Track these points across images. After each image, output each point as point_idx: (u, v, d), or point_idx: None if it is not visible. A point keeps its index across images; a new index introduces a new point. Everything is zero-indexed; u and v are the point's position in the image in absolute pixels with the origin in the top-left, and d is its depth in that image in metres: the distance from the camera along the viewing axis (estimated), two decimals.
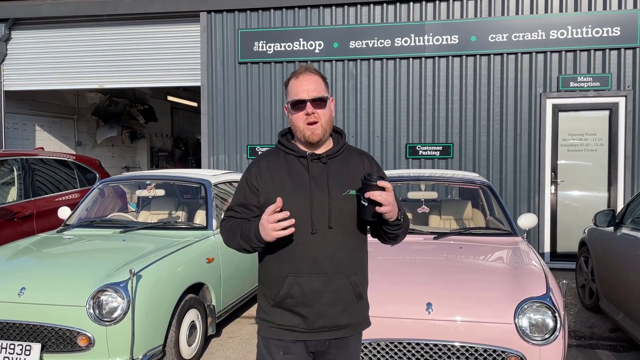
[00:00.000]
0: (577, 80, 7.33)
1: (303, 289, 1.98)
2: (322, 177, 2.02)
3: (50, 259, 4.14)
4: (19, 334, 3.53)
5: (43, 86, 9.21)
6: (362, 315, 2.13)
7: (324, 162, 2.05)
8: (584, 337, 4.82)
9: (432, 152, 7.71)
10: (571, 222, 7.45)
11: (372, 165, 2.15)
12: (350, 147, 2.19)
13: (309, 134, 2.02)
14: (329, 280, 1.99)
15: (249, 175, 2.10)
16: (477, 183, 4.96)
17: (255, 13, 8.12)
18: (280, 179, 2.03)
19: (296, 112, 2.03)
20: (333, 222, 1.99)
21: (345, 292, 2.02)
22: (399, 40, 7.70)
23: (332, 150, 2.09)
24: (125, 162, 13.44)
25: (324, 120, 2.03)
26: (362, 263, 2.12)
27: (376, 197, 1.85)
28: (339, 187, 2.01)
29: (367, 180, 1.87)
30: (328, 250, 1.98)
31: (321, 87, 2.05)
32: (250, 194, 2.07)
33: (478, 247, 4.08)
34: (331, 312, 2.01)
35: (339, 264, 2.00)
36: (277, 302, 2.02)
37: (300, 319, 2.01)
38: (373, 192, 1.85)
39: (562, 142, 7.51)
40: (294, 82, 2.05)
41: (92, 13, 8.57)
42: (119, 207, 6.14)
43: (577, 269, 5.97)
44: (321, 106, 2.03)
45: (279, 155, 2.11)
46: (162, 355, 3.83)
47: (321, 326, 2.01)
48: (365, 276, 2.15)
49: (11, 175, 6.30)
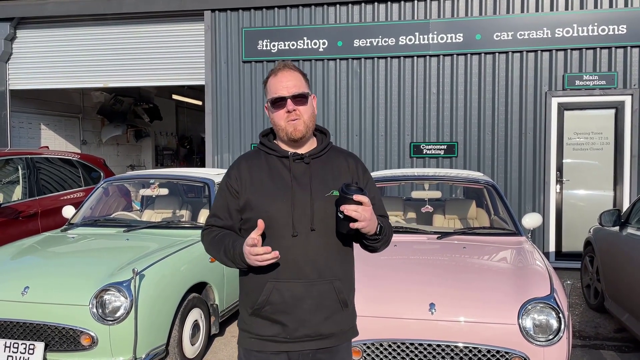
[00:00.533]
0: (583, 79, 7.29)
1: (283, 295, 1.87)
2: (305, 178, 1.93)
3: (54, 258, 4.15)
4: (23, 333, 3.54)
5: (48, 85, 9.23)
6: (348, 325, 2.00)
7: (307, 162, 1.96)
8: (589, 337, 4.80)
9: (437, 151, 7.69)
10: (576, 222, 7.41)
11: (357, 166, 2.05)
12: (336, 147, 2.10)
13: (291, 130, 1.93)
14: (310, 286, 1.88)
15: (228, 178, 2.00)
16: (482, 182, 4.94)
17: (259, 12, 8.12)
18: (261, 180, 1.94)
19: (277, 110, 1.95)
20: (316, 224, 1.89)
21: (329, 298, 1.91)
22: (403, 38, 7.67)
23: (316, 150, 2.00)
24: (130, 160, 13.48)
25: (306, 117, 1.95)
26: (348, 268, 2.01)
27: (350, 213, 1.75)
28: (322, 188, 1.92)
29: (344, 193, 1.77)
30: (310, 254, 1.88)
31: (301, 83, 1.97)
32: (231, 198, 1.98)
33: (482, 247, 4.06)
34: (313, 320, 1.89)
35: (321, 268, 1.89)
36: (256, 309, 1.91)
37: (280, 327, 1.89)
38: (348, 206, 1.76)
39: (568, 141, 7.47)
40: (273, 80, 1.97)
41: (96, 12, 8.59)
42: (122, 206, 6.15)
43: (582, 269, 5.93)
44: (302, 103, 1.94)
45: (260, 156, 2.03)
46: (165, 355, 3.84)
47: (303, 335, 1.89)
48: (351, 282, 2.03)
49: (16, 174, 6.32)
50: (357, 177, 2.02)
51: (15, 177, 6.32)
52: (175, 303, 3.92)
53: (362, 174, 2.05)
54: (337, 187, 1.89)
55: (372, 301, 3.28)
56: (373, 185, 2.07)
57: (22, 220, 6.05)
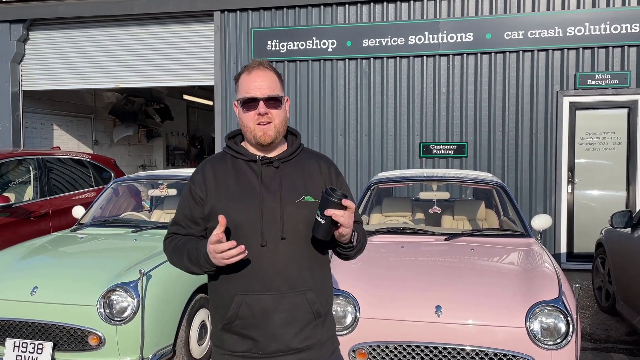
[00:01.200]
0: (595, 78, 7.20)
1: (252, 308, 1.76)
2: (274, 183, 1.81)
3: (63, 258, 4.18)
4: (32, 333, 3.58)
5: (60, 86, 9.32)
6: (326, 335, 1.89)
7: (276, 167, 1.84)
8: (600, 340, 4.74)
9: (446, 151, 7.64)
10: (589, 222, 7.33)
11: (330, 170, 1.94)
12: (308, 149, 1.99)
13: (261, 134, 1.81)
14: (281, 298, 1.77)
15: (192, 184, 1.88)
16: (490, 183, 4.90)
17: (268, 12, 8.12)
18: (227, 186, 1.82)
19: (247, 111, 1.82)
20: (286, 232, 1.78)
21: (301, 310, 1.80)
22: (413, 38, 7.64)
23: (286, 153, 1.88)
24: (141, 160, 13.57)
25: (277, 122, 1.83)
26: (322, 278, 1.89)
27: (338, 218, 1.65)
28: (292, 194, 1.81)
29: (329, 196, 1.66)
30: (280, 264, 1.76)
31: (276, 84, 1.85)
32: (195, 206, 1.86)
33: (490, 249, 4.03)
34: (285, 335, 1.78)
35: (292, 279, 1.78)
36: (226, 324, 1.81)
37: (252, 343, 1.79)
38: (335, 210, 1.65)
39: (580, 140, 7.39)
40: (246, 78, 1.83)
41: (107, 13, 8.65)
42: (132, 206, 6.19)
43: (594, 271, 5.86)
44: (275, 106, 1.82)
45: (226, 160, 1.89)
46: (172, 355, 3.85)
47: (275, 350, 1.78)
48: (326, 292, 1.92)
49: (28, 175, 6.39)
50: (330, 181, 1.91)
51: (27, 178, 6.39)
52: (182, 303, 3.93)
53: (335, 177, 1.94)
54: (309, 192, 1.82)
55: (377, 303, 3.27)
56: (347, 189, 1.96)
57: (34, 220, 6.11)
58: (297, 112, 8.05)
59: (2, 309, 3.63)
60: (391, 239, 4.27)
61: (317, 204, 1.74)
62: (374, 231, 4.42)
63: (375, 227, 4.56)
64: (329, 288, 1.94)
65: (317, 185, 1.87)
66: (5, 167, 6.26)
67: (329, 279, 1.96)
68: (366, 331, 3.20)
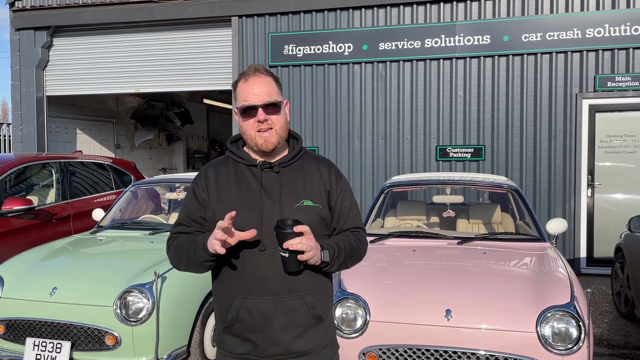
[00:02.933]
0: (615, 80, 7.09)
1: (252, 312, 1.78)
2: (274, 188, 1.82)
3: (82, 260, 4.29)
4: (51, 332, 3.68)
5: (83, 91, 9.54)
6: (325, 339, 1.89)
7: (277, 171, 1.85)
8: (618, 346, 4.67)
9: (463, 154, 7.60)
10: (609, 226, 7.21)
11: (330, 173, 1.92)
12: (309, 153, 1.98)
13: (262, 142, 1.82)
14: (280, 302, 1.78)
15: (195, 186, 1.90)
16: (505, 187, 4.87)
17: (285, 17, 8.19)
18: (228, 190, 1.83)
19: (247, 119, 1.82)
20: None
21: (301, 315, 1.81)
22: (429, 41, 7.62)
23: (286, 158, 1.89)
24: (162, 164, 13.77)
25: (278, 127, 1.83)
26: (322, 282, 1.89)
27: (296, 246, 1.65)
28: (292, 198, 1.82)
29: (281, 229, 1.66)
30: (279, 269, 1.75)
31: (273, 90, 1.84)
32: (198, 207, 1.87)
33: (503, 253, 4.00)
34: (284, 338, 1.79)
35: (291, 283, 1.79)
36: (226, 327, 1.83)
37: (252, 345, 1.81)
38: (291, 241, 1.65)
39: (600, 143, 7.28)
40: (243, 86, 1.83)
41: (128, 19, 8.83)
42: (151, 208, 6.30)
43: (613, 276, 5.77)
44: (275, 112, 1.82)
45: (228, 163, 1.91)
46: (186, 356, 3.92)
47: (274, 354, 1.80)
48: (326, 296, 1.92)
49: (50, 178, 6.55)
50: (330, 184, 1.90)
51: (50, 181, 6.55)
52: (197, 305, 4.00)
53: (335, 180, 1.92)
54: (309, 196, 1.82)
55: (388, 306, 3.28)
56: (349, 193, 1.95)
57: (56, 222, 6.27)
58: (313, 115, 8.10)
59: (23, 309, 3.74)
60: (404, 243, 4.27)
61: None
62: (387, 234, 4.43)
63: (388, 231, 4.57)
64: (329, 292, 1.95)
65: (317, 190, 1.87)
66: (29, 170, 6.43)
67: (329, 283, 1.96)
68: (376, 334, 3.22)
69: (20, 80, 9.38)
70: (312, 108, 8.10)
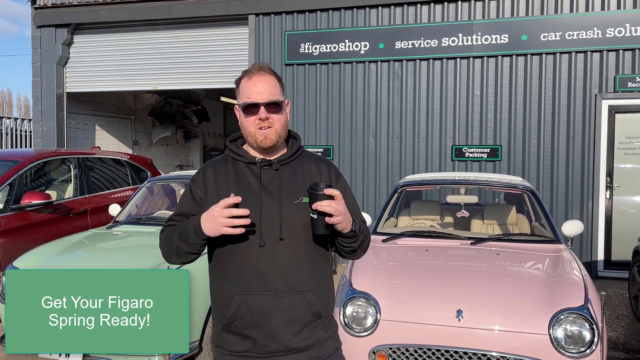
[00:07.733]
0: (636, 81, 6.97)
1: (251, 309, 1.78)
2: (273, 185, 1.84)
3: (97, 253, 4.35)
4: None
5: (102, 88, 9.67)
6: (326, 335, 1.90)
7: (276, 169, 1.87)
8: (633, 350, 4.59)
9: (480, 154, 7.53)
10: (628, 229, 7.08)
11: (330, 171, 1.95)
12: (308, 152, 2.01)
13: (262, 138, 1.84)
14: (279, 299, 1.78)
15: (193, 184, 1.92)
16: (520, 188, 4.82)
17: (302, 15, 8.20)
18: (227, 187, 1.84)
19: (248, 116, 1.85)
20: (284, 233, 1.80)
21: (300, 311, 1.81)
22: (446, 40, 7.57)
23: (285, 156, 1.91)
24: (179, 160, 13.89)
25: (278, 126, 1.85)
26: (322, 277, 1.90)
27: (324, 208, 1.67)
28: (291, 195, 1.83)
29: (313, 190, 1.69)
30: (278, 265, 1.78)
31: (276, 89, 1.86)
32: (194, 205, 1.89)
33: (516, 254, 3.97)
34: (284, 335, 1.79)
35: (291, 279, 1.80)
36: (226, 325, 1.83)
37: (251, 343, 1.81)
38: (321, 202, 1.68)
39: (619, 145, 7.16)
40: (246, 83, 1.87)
41: (147, 17, 8.91)
42: (167, 204, 6.36)
43: (630, 279, 5.68)
44: (276, 111, 1.84)
45: (227, 162, 1.93)
46: (199, 351, 3.96)
47: (274, 350, 1.80)
48: (326, 292, 1.92)
49: (69, 173, 6.66)
50: (330, 182, 1.91)
51: (68, 176, 6.66)
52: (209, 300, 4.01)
53: (335, 179, 1.94)
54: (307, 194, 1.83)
55: (398, 305, 3.28)
56: (349, 191, 1.97)
57: (73, 217, 6.36)
58: (329, 114, 8.10)
59: None
60: (416, 242, 4.25)
61: None
62: (400, 234, 4.41)
63: (401, 230, 4.56)
64: (329, 289, 1.95)
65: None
66: (48, 165, 6.54)
67: (329, 280, 1.96)
68: (386, 333, 3.21)
69: (41, 76, 9.53)
70: (327, 107, 8.10)
